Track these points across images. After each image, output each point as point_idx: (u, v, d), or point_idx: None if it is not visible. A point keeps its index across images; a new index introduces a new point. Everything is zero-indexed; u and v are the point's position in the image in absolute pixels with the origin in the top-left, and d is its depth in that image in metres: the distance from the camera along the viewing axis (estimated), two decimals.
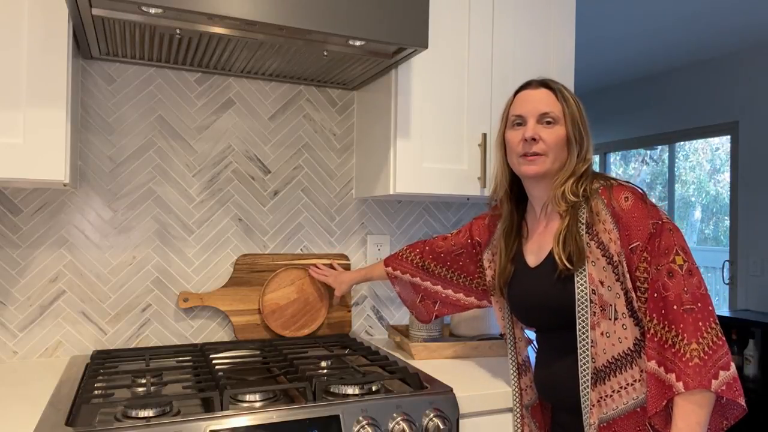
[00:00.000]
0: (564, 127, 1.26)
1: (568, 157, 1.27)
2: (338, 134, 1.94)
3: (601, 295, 1.17)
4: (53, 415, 1.12)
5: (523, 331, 1.43)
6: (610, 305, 1.16)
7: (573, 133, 1.26)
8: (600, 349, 1.17)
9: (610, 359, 1.16)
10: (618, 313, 1.16)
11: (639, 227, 1.15)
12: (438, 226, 2.08)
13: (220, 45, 1.47)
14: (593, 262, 1.18)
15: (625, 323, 1.16)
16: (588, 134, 1.28)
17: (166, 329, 1.72)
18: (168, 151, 1.73)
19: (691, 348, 1.07)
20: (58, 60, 1.29)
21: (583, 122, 1.27)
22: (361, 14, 1.37)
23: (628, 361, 1.16)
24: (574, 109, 1.27)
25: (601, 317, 1.17)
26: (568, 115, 1.26)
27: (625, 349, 1.16)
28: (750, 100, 3.88)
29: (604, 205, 1.19)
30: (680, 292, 1.10)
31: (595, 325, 1.17)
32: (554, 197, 1.25)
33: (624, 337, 1.16)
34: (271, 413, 1.16)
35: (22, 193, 1.58)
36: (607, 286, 1.16)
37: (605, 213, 1.18)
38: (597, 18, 3.44)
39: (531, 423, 1.37)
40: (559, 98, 1.27)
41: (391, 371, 1.43)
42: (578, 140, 1.26)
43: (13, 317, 1.57)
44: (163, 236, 1.72)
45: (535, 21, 1.82)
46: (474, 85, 1.73)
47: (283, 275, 1.81)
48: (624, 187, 1.20)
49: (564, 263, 1.19)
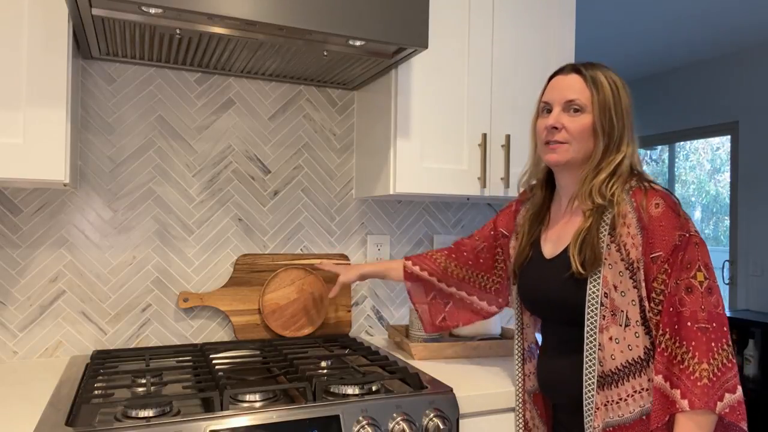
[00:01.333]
0: (591, 115, 1.20)
1: (594, 146, 1.21)
2: (338, 134, 1.94)
3: (612, 300, 1.14)
4: (53, 415, 1.12)
5: (533, 318, 1.40)
6: (622, 311, 1.13)
7: (601, 121, 1.19)
8: (608, 353, 1.14)
9: (619, 365, 1.13)
10: (630, 320, 1.13)
11: (664, 237, 1.10)
12: (438, 226, 2.08)
13: (220, 45, 1.47)
14: (610, 265, 1.14)
15: (637, 331, 1.13)
16: (625, 124, 1.21)
17: (166, 329, 1.72)
18: (168, 151, 1.73)
19: (702, 368, 1.05)
20: (58, 60, 1.29)
21: (618, 110, 1.20)
22: (361, 14, 1.37)
23: (638, 368, 1.13)
24: (608, 95, 1.20)
25: (611, 322, 1.14)
26: (597, 102, 1.20)
27: (636, 357, 1.13)
28: (750, 100, 3.88)
29: (632, 209, 1.14)
30: (697, 309, 1.07)
31: (603, 329, 1.14)
32: (582, 193, 1.21)
33: (635, 345, 1.13)
34: (271, 413, 1.16)
35: (22, 193, 1.58)
36: (620, 291, 1.13)
37: (632, 216, 1.14)
38: (597, 18, 3.44)
39: (533, 409, 1.35)
40: (589, 84, 1.21)
41: (391, 371, 1.43)
42: (607, 130, 1.20)
43: (13, 317, 1.57)
44: (163, 236, 1.72)
45: (535, 21, 1.82)
46: (474, 85, 1.73)
47: (283, 275, 1.81)
48: (657, 193, 1.14)
49: (577, 266, 1.16)
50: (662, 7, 3.26)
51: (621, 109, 1.21)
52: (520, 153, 1.79)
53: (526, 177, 1.39)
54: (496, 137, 1.75)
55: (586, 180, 1.21)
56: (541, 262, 1.29)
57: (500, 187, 1.75)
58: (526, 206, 1.41)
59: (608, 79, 1.21)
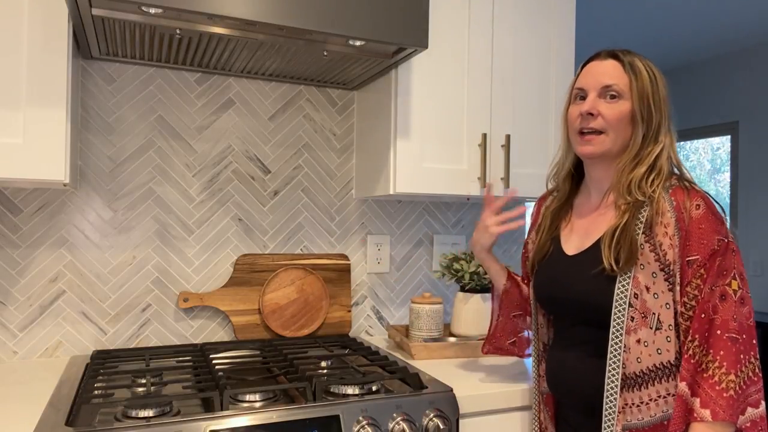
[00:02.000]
0: (629, 102, 1.14)
1: (632, 136, 1.16)
2: (338, 134, 1.94)
3: (644, 301, 1.09)
4: (53, 415, 1.12)
5: (547, 318, 1.35)
6: (654, 314, 1.08)
7: (640, 109, 1.13)
8: (633, 356, 1.09)
9: (645, 369, 1.09)
10: (663, 324, 1.08)
11: (703, 240, 1.06)
12: (438, 226, 2.08)
13: (220, 45, 1.47)
14: (642, 265, 1.09)
15: (669, 336, 1.08)
16: (663, 113, 1.16)
17: (166, 329, 1.72)
18: (168, 151, 1.73)
19: (729, 378, 1.02)
20: (58, 60, 1.29)
21: (656, 99, 1.15)
22: (361, 14, 1.37)
23: (666, 373, 1.08)
24: (646, 83, 1.14)
25: (641, 324, 1.09)
26: (636, 89, 1.14)
27: (665, 362, 1.08)
28: (750, 100, 3.88)
29: (671, 207, 1.09)
30: (729, 318, 1.03)
31: (631, 331, 1.09)
32: (619, 186, 1.15)
33: (666, 349, 1.08)
34: (271, 413, 1.16)
35: (22, 193, 1.58)
36: (653, 293, 1.08)
37: (670, 215, 1.08)
38: (597, 18, 3.44)
39: (545, 410, 1.32)
40: (627, 70, 1.15)
41: (391, 371, 1.43)
42: (645, 118, 1.14)
43: (13, 317, 1.57)
44: (163, 236, 1.72)
45: (535, 21, 1.82)
46: (474, 85, 1.72)
47: (283, 275, 1.81)
48: (698, 194, 1.10)
49: (611, 263, 1.10)
50: (662, 7, 3.26)
51: (659, 98, 1.16)
52: (520, 153, 1.79)
53: (556, 170, 1.33)
54: (496, 137, 1.75)
55: (623, 172, 1.15)
56: (563, 259, 1.24)
57: (500, 187, 1.75)
58: (549, 200, 1.35)
59: (646, 67, 1.16)
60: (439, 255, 2.04)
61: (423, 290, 2.06)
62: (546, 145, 1.83)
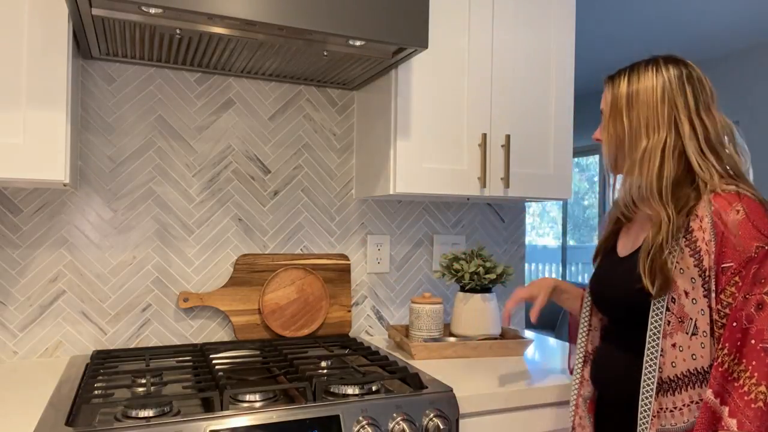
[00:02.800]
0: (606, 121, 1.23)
1: (625, 146, 1.20)
2: (338, 134, 1.94)
3: (681, 306, 1.09)
4: (53, 415, 1.12)
5: (600, 319, 1.35)
6: (691, 319, 1.08)
7: (609, 125, 1.21)
8: (669, 360, 1.10)
9: (679, 374, 1.09)
10: (699, 329, 1.07)
11: (738, 247, 1.04)
12: (438, 226, 2.08)
13: (220, 45, 1.47)
14: (681, 270, 1.09)
15: (704, 342, 1.07)
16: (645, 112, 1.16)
17: (166, 329, 1.72)
18: (168, 151, 1.73)
19: (759, 390, 0.99)
20: (58, 60, 1.29)
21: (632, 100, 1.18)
22: (361, 14, 1.37)
23: (700, 379, 1.07)
24: (619, 97, 1.20)
25: (677, 328, 1.09)
26: (608, 105, 1.21)
27: (699, 368, 1.07)
28: (750, 100, 3.88)
29: (709, 212, 1.08)
30: (764, 328, 1.01)
31: (667, 335, 1.10)
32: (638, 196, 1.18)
33: (700, 355, 1.07)
34: (271, 413, 1.16)
35: (22, 193, 1.58)
36: (692, 298, 1.08)
37: (708, 220, 1.08)
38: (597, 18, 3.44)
39: (586, 417, 1.31)
40: (608, 89, 1.23)
41: (391, 371, 1.43)
42: (618, 132, 1.20)
43: (13, 317, 1.57)
44: (163, 236, 1.72)
45: (535, 21, 1.82)
46: (474, 85, 1.72)
47: (283, 275, 1.81)
48: (742, 199, 1.07)
49: (648, 285, 1.11)
50: (662, 7, 3.26)
51: (636, 99, 1.18)
52: (520, 153, 1.79)
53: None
54: (496, 137, 1.75)
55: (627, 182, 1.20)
56: (615, 259, 1.27)
57: (500, 187, 1.75)
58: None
59: (630, 75, 1.21)
60: (439, 255, 2.04)
61: (423, 290, 2.06)
62: (546, 145, 1.83)
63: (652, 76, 1.18)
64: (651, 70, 1.19)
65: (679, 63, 1.20)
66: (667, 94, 1.16)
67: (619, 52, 4.04)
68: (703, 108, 1.16)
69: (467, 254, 1.85)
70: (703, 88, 1.18)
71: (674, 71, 1.17)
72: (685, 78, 1.17)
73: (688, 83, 1.17)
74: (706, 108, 1.17)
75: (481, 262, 1.78)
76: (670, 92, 1.16)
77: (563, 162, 1.86)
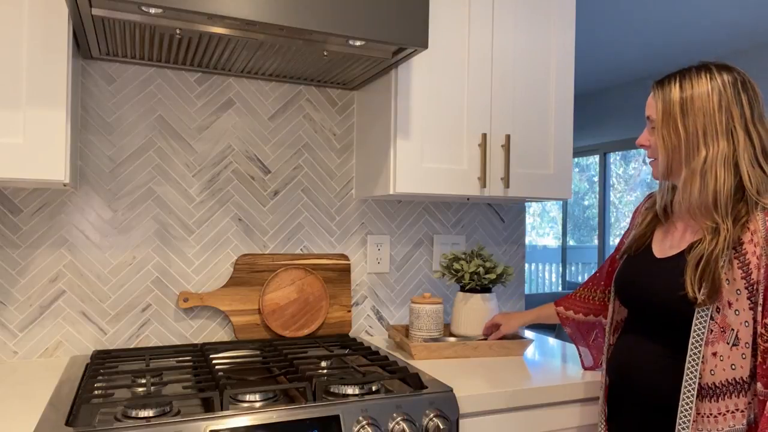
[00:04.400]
0: (659, 127, 1.21)
1: (680, 155, 1.18)
2: (338, 134, 1.94)
3: (725, 316, 1.10)
4: (53, 415, 1.12)
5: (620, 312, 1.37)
6: (733, 330, 1.09)
7: (663, 132, 1.19)
8: (708, 368, 1.10)
9: (718, 382, 1.10)
10: (740, 341, 1.08)
11: None
12: (438, 226, 2.08)
13: (220, 45, 1.47)
14: (728, 280, 1.10)
15: (744, 353, 1.08)
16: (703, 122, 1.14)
17: (166, 329, 1.72)
18: (168, 151, 1.73)
19: None
20: (58, 60, 1.29)
21: (686, 110, 1.16)
22: (361, 14, 1.37)
23: (738, 389, 1.09)
24: (672, 103, 1.18)
25: (719, 338, 1.10)
26: (660, 111, 1.20)
27: (738, 378, 1.09)
28: None
29: (763, 225, 1.09)
30: None
31: (709, 343, 1.11)
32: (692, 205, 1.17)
33: (740, 365, 1.09)
34: (271, 413, 1.16)
35: (22, 193, 1.58)
36: (735, 309, 1.09)
37: (761, 235, 1.09)
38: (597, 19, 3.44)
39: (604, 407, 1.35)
40: (657, 97, 1.21)
41: (391, 371, 1.43)
42: (672, 140, 1.18)
43: (13, 317, 1.57)
44: (163, 236, 1.72)
45: (535, 21, 1.82)
46: (474, 85, 1.73)
47: (283, 275, 1.81)
48: None
49: (694, 292, 1.11)
50: (662, 7, 3.26)
51: (691, 109, 1.16)
52: (520, 153, 1.79)
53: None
54: (496, 137, 1.75)
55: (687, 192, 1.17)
56: (651, 260, 1.26)
57: (500, 187, 1.75)
58: (652, 199, 1.37)
59: (689, 82, 1.18)
60: (439, 255, 2.04)
61: (423, 290, 2.06)
62: (546, 145, 1.83)
63: (706, 82, 1.16)
64: (704, 77, 1.17)
65: (732, 70, 1.18)
66: (723, 101, 1.15)
67: (620, 53, 4.05)
68: (757, 117, 1.16)
69: (467, 254, 1.85)
70: (756, 96, 1.17)
71: (728, 77, 1.16)
72: (740, 85, 1.16)
73: (743, 90, 1.16)
74: (759, 117, 1.16)
75: (481, 262, 1.78)
76: (726, 100, 1.15)
77: (563, 162, 1.86)
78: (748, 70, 1.23)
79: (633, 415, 1.27)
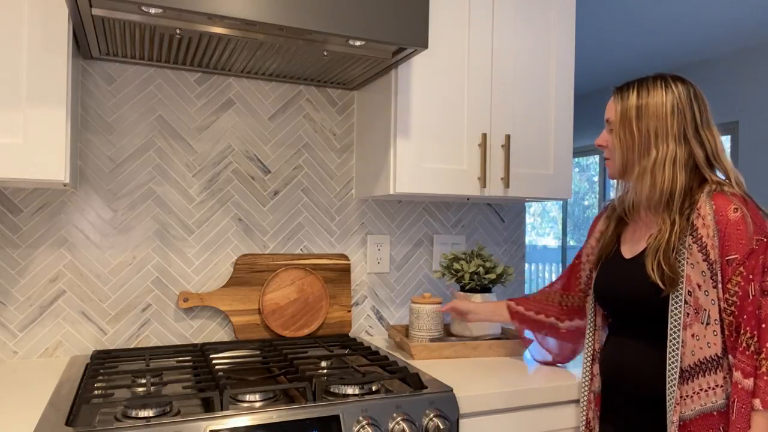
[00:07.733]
0: (617, 129, 1.31)
1: (632, 156, 1.29)
2: (338, 134, 1.94)
3: (696, 298, 1.19)
4: (53, 415, 1.12)
5: (606, 319, 1.45)
6: (705, 310, 1.18)
7: (620, 134, 1.30)
8: (689, 349, 1.19)
9: (696, 361, 1.18)
10: (711, 319, 1.18)
11: (741, 240, 1.16)
12: (438, 226, 2.08)
13: (220, 45, 1.47)
14: (692, 264, 1.19)
15: (715, 330, 1.18)
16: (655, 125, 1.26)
17: (166, 329, 1.72)
18: (168, 151, 1.73)
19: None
20: (58, 60, 1.29)
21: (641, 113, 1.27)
22: (361, 14, 1.37)
23: (713, 366, 1.17)
24: (629, 108, 1.29)
25: (694, 319, 1.19)
26: (618, 114, 1.30)
27: (713, 354, 1.17)
28: (750, 100, 3.88)
29: (711, 210, 1.19)
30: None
31: (687, 326, 1.19)
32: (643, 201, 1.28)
33: (713, 342, 1.17)
34: (271, 413, 1.16)
35: (22, 193, 1.58)
36: (704, 290, 1.19)
37: (710, 218, 1.19)
38: (597, 19, 3.44)
39: (594, 410, 1.40)
40: (617, 99, 1.32)
41: (391, 371, 1.43)
42: (627, 140, 1.29)
43: (13, 317, 1.57)
44: (163, 236, 1.72)
45: (536, 21, 1.82)
46: (474, 85, 1.72)
47: (283, 275, 1.81)
48: (737, 197, 1.20)
49: (657, 282, 1.21)
50: (662, 8, 3.26)
51: (646, 113, 1.27)
52: (520, 153, 1.79)
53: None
54: (496, 137, 1.75)
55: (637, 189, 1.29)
56: (621, 261, 1.35)
57: (500, 187, 1.75)
58: (611, 207, 1.46)
59: (640, 89, 1.29)
60: (439, 255, 2.04)
61: (423, 290, 2.06)
62: (546, 145, 1.83)
63: (661, 91, 1.28)
64: (660, 86, 1.28)
65: (686, 82, 1.30)
66: (676, 108, 1.26)
67: (619, 53, 4.05)
68: (706, 123, 1.29)
69: (467, 254, 1.85)
70: (705, 106, 1.30)
71: (682, 89, 1.28)
72: (692, 95, 1.28)
73: (694, 99, 1.28)
74: (707, 123, 1.29)
75: (481, 262, 1.78)
76: (679, 107, 1.26)
77: (563, 162, 1.86)
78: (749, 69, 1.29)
79: (626, 411, 1.32)
